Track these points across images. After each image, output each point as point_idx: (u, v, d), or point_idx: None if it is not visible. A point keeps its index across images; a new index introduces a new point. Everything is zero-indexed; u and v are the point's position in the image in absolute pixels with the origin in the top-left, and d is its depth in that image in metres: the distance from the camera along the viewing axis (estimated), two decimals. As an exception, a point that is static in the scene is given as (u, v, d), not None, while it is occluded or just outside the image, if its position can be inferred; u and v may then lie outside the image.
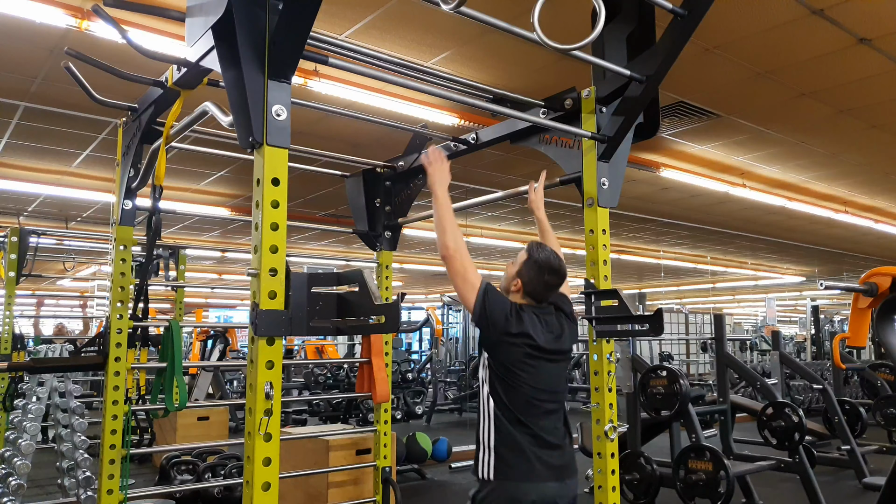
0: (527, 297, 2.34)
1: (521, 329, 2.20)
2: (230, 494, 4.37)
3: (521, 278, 2.34)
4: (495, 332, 2.19)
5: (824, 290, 7.54)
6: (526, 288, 2.33)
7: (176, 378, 2.98)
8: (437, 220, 2.24)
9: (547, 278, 2.33)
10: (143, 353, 5.29)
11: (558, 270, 2.34)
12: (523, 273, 2.34)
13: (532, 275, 2.33)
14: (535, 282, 2.33)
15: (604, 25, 2.05)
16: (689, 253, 14.56)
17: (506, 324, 2.18)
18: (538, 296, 2.34)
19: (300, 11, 1.80)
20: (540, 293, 2.34)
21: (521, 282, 2.34)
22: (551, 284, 2.34)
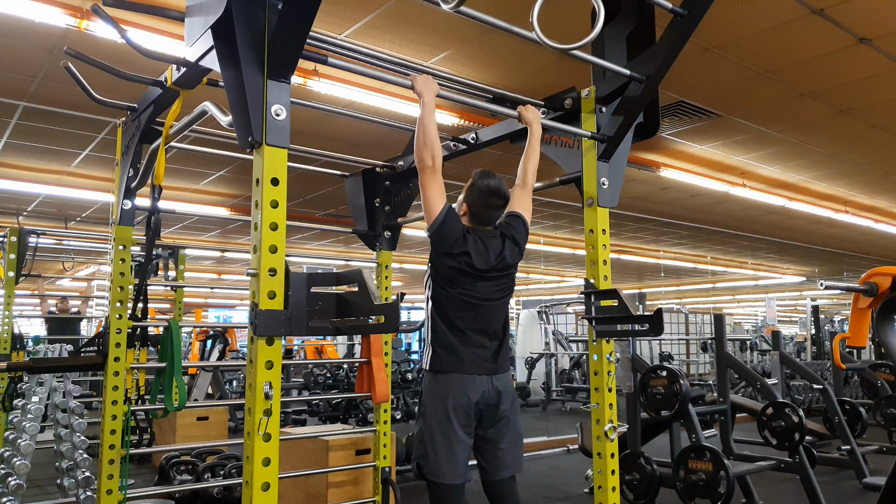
0: (473, 220, 2.65)
1: (464, 249, 2.50)
2: (230, 494, 4.37)
3: (466, 202, 2.66)
4: (443, 247, 2.50)
5: (824, 290, 7.55)
6: (471, 210, 2.65)
7: (175, 378, 2.97)
8: (422, 130, 2.42)
9: (487, 200, 2.63)
10: (142, 353, 5.29)
11: (497, 191, 2.65)
12: (467, 198, 2.66)
13: (474, 198, 2.64)
14: (477, 205, 2.64)
15: (603, 25, 2.04)
16: (689, 253, 14.55)
17: (453, 244, 2.49)
18: (482, 217, 2.65)
19: (300, 11, 1.79)
20: (483, 214, 2.65)
21: (466, 206, 2.65)
22: (492, 206, 2.65)
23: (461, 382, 2.50)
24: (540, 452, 6.84)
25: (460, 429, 2.49)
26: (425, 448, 2.50)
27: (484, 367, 2.56)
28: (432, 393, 2.54)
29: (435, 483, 2.49)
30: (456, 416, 2.48)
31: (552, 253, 13.91)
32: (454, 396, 2.48)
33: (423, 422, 2.54)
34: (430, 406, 2.53)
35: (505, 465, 2.60)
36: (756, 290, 21.07)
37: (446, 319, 2.56)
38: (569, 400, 11.61)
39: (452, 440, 2.47)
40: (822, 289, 3.83)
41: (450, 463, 2.46)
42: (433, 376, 2.56)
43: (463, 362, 2.52)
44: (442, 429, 2.48)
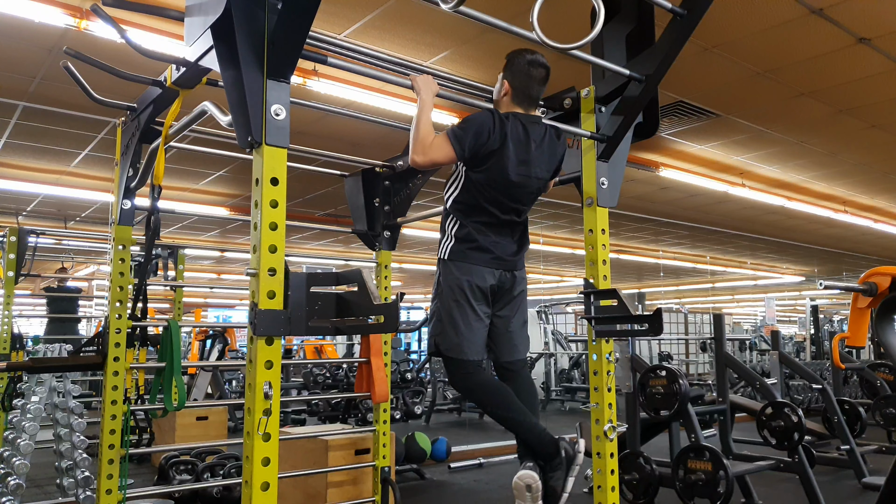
0: (517, 97, 2.55)
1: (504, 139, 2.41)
2: (229, 494, 4.36)
3: (507, 79, 2.56)
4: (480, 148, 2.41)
5: (824, 290, 7.54)
6: (514, 84, 2.55)
7: (175, 378, 2.97)
8: (415, 128, 2.40)
9: (531, 71, 2.52)
10: (141, 353, 5.31)
11: (540, 62, 2.53)
12: (508, 75, 2.55)
13: (516, 71, 2.53)
14: (520, 77, 2.53)
15: (603, 25, 2.04)
16: (688, 253, 14.56)
17: (489, 141, 2.40)
18: (528, 91, 2.54)
19: (299, 11, 1.79)
20: (528, 87, 2.53)
21: (508, 83, 2.55)
22: (537, 77, 2.53)
23: (480, 270, 2.50)
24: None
25: (478, 307, 2.50)
26: (443, 326, 2.50)
27: (504, 263, 2.56)
28: (449, 275, 2.52)
29: (456, 359, 2.49)
30: (473, 295, 2.49)
31: (551, 253, 13.91)
32: (473, 278, 2.49)
33: (440, 301, 2.53)
34: (446, 286, 2.52)
35: (515, 348, 2.63)
36: (755, 289, 21.08)
37: (471, 219, 2.53)
38: (568, 400, 11.62)
39: (470, 318, 2.48)
40: (821, 289, 3.83)
41: (469, 341, 2.48)
42: (452, 264, 2.53)
43: (484, 256, 2.51)
44: (460, 307, 2.48)
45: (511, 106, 2.58)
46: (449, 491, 5.17)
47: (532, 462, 2.44)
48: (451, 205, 2.59)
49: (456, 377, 2.53)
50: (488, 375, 2.57)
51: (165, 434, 5.98)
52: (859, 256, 15.14)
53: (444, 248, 2.58)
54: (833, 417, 5.71)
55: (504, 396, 2.49)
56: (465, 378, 2.51)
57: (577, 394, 11.51)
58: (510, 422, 2.47)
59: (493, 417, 2.54)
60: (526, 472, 2.37)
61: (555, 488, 2.40)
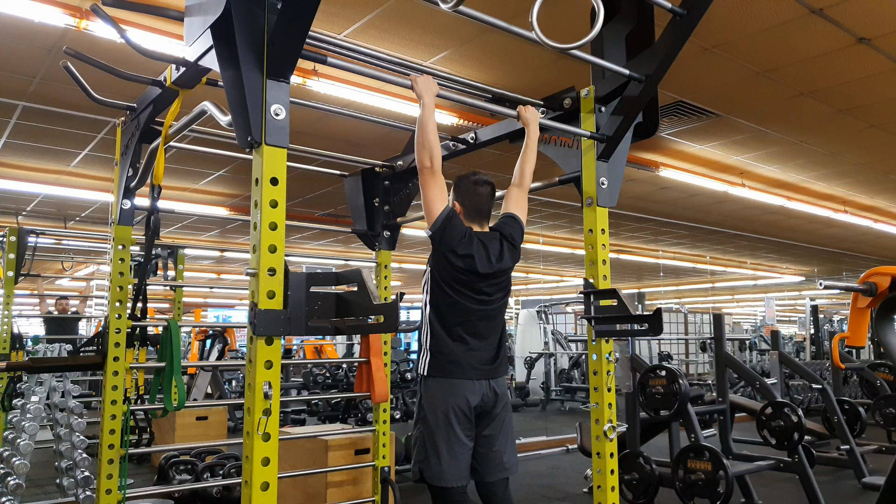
0: (469, 215, 2.65)
1: (468, 251, 2.51)
2: (229, 494, 4.36)
3: (458, 201, 2.66)
4: (447, 245, 2.49)
5: (823, 290, 7.54)
6: (464, 204, 2.66)
7: (174, 378, 2.97)
8: (421, 131, 2.43)
9: (476, 190, 2.66)
10: (141, 353, 5.30)
11: (482, 180, 2.68)
12: (457, 197, 2.67)
13: (463, 192, 2.67)
14: (469, 196, 2.66)
15: (603, 25, 2.04)
16: (688, 252, 14.56)
17: (458, 243, 2.50)
18: (478, 208, 2.66)
19: (299, 11, 1.79)
20: (478, 204, 2.66)
21: (458, 204, 2.65)
22: (483, 194, 2.67)
23: (461, 387, 2.50)
24: (539, 452, 6.84)
25: (461, 432, 2.49)
26: (426, 453, 2.50)
27: (483, 372, 2.56)
28: (431, 397, 2.53)
29: (438, 487, 2.49)
30: (457, 419, 2.48)
31: (551, 253, 13.91)
32: (454, 400, 2.48)
33: (424, 426, 2.53)
34: (429, 410, 2.52)
35: (498, 467, 2.59)
36: (755, 289, 21.07)
37: (445, 324, 2.55)
38: (568, 400, 11.62)
39: (454, 444, 2.47)
40: (821, 288, 3.83)
41: (452, 466, 2.47)
42: (432, 381, 2.55)
43: (462, 368, 2.52)
44: (443, 433, 2.47)
45: (465, 223, 2.63)
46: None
47: None
48: (429, 311, 2.60)
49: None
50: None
51: (165, 434, 5.98)
52: (859, 256, 15.14)
53: (422, 363, 2.59)
54: (833, 417, 5.71)
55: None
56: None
57: (577, 394, 11.51)
58: None
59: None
60: None
61: None
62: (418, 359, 2.63)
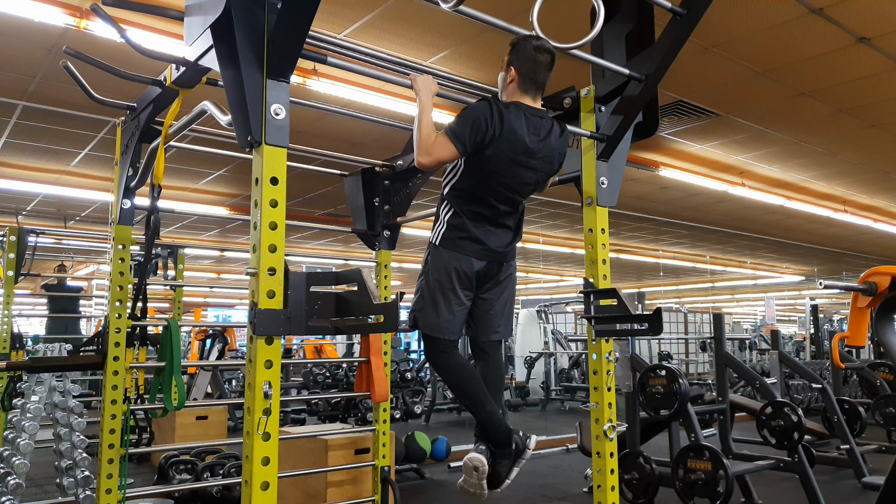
0: (524, 84, 2.50)
1: (504, 127, 2.37)
2: (229, 494, 4.37)
3: (513, 65, 2.50)
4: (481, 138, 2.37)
5: (823, 290, 7.54)
6: (520, 71, 2.48)
7: (174, 377, 2.97)
8: (417, 131, 2.38)
9: (537, 56, 2.46)
10: (141, 353, 5.30)
11: (544, 46, 2.46)
12: (513, 61, 2.49)
13: (522, 58, 2.47)
14: (527, 63, 2.47)
15: (603, 24, 2.05)
16: (688, 252, 14.56)
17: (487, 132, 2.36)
18: (535, 76, 2.49)
19: (299, 10, 1.79)
20: (535, 72, 2.48)
21: (515, 69, 2.50)
22: (543, 62, 2.48)
23: (469, 259, 2.52)
24: (539, 452, 6.84)
25: (461, 291, 2.52)
26: (424, 303, 2.53)
27: (495, 254, 2.56)
28: (438, 257, 2.54)
29: (433, 337, 2.53)
30: (458, 280, 2.51)
31: (551, 252, 13.91)
32: (459, 264, 2.51)
33: (425, 280, 2.55)
34: (433, 266, 2.53)
35: (493, 329, 2.64)
36: (755, 289, 21.07)
37: (467, 207, 2.52)
38: (568, 399, 11.62)
39: (452, 301, 2.51)
40: (821, 288, 3.84)
41: (447, 321, 2.51)
42: (442, 249, 2.54)
43: (475, 248, 2.52)
44: (443, 290, 2.50)
45: (517, 94, 2.53)
46: (449, 490, 5.17)
47: (485, 446, 2.53)
48: (448, 192, 2.58)
49: (431, 353, 2.59)
50: (461, 358, 2.60)
51: (165, 433, 5.98)
52: (859, 256, 15.14)
53: (436, 232, 2.58)
54: (833, 417, 5.71)
55: (471, 381, 2.55)
56: (440, 356, 2.56)
57: (577, 393, 11.51)
58: (472, 406, 2.55)
59: (457, 399, 2.66)
60: (476, 455, 2.49)
61: (500, 473, 2.50)
62: (433, 227, 2.60)
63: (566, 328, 14.99)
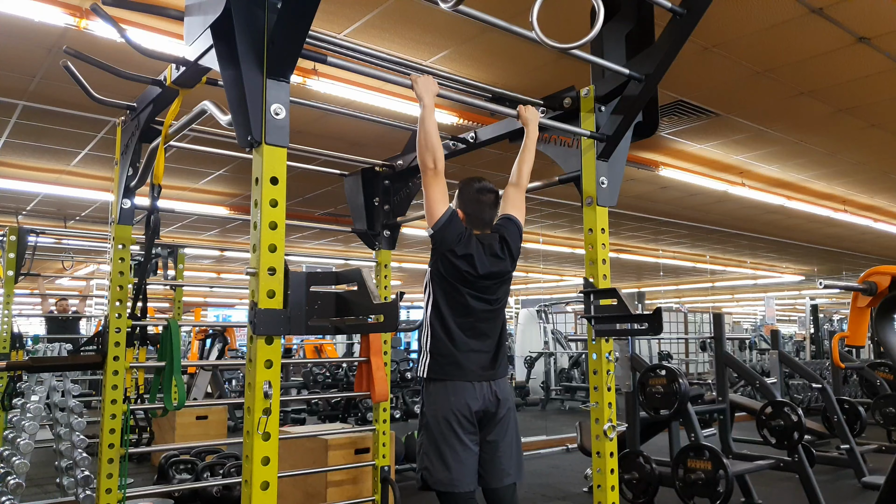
0: (471, 222, 2.61)
1: (467, 251, 2.49)
2: (229, 493, 4.37)
3: (460, 208, 2.62)
4: (447, 245, 2.47)
5: (823, 289, 7.55)
6: (467, 212, 2.61)
7: (174, 377, 2.97)
8: (422, 132, 2.42)
9: (480, 198, 2.63)
10: (141, 353, 5.30)
11: (487, 188, 2.65)
12: (460, 204, 2.65)
13: (466, 200, 2.63)
14: (472, 205, 2.62)
15: (603, 24, 2.04)
16: (688, 252, 14.56)
17: (457, 243, 2.48)
18: (481, 217, 2.63)
19: (299, 10, 1.79)
20: (480, 212, 2.63)
21: (461, 212, 2.60)
22: (486, 202, 2.64)
23: (462, 390, 2.47)
24: (539, 451, 6.85)
25: (465, 437, 2.46)
26: (430, 460, 2.46)
27: (483, 374, 2.53)
28: (433, 403, 2.50)
29: (447, 493, 2.44)
30: (459, 424, 2.45)
31: (551, 252, 13.91)
32: (456, 405, 2.45)
33: (427, 433, 2.50)
34: (431, 416, 2.49)
35: (504, 473, 2.55)
36: (755, 289, 21.07)
37: (445, 326, 2.53)
38: (568, 399, 11.62)
39: (458, 449, 2.44)
40: (821, 288, 3.84)
41: (457, 472, 2.43)
42: (433, 385, 2.53)
43: (462, 369, 2.49)
44: (446, 439, 2.44)
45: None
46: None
47: None
48: (429, 312, 2.57)
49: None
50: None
51: (165, 433, 5.98)
52: (859, 256, 15.14)
53: (422, 366, 2.57)
54: (833, 417, 5.71)
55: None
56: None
57: (577, 393, 11.51)
58: None
59: None
60: None
61: None
62: (419, 360, 2.61)
63: (566, 328, 15.00)
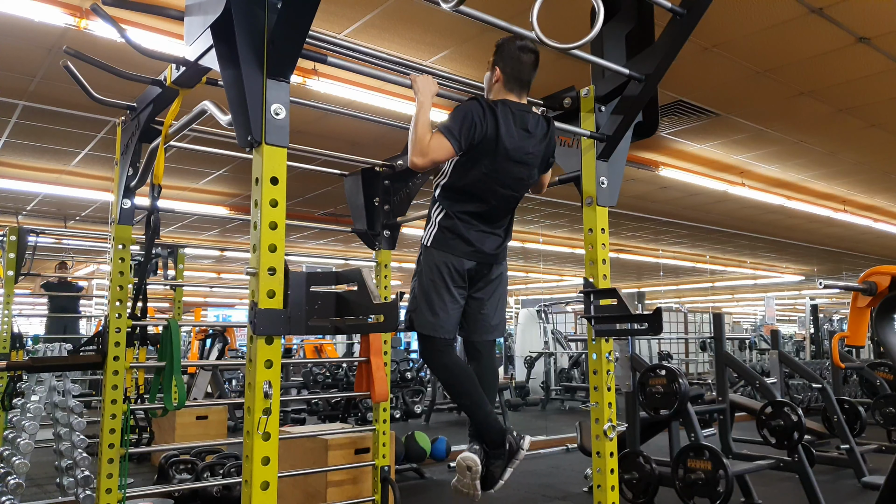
0: (509, 83, 2.55)
1: (495, 124, 2.41)
2: (229, 493, 4.37)
3: (498, 66, 2.56)
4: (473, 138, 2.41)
5: (823, 289, 7.54)
6: (505, 71, 2.54)
7: (175, 377, 2.97)
8: (414, 131, 2.41)
9: (521, 56, 2.53)
10: (141, 353, 5.30)
11: (528, 46, 2.53)
12: (497, 61, 2.56)
13: (507, 57, 2.54)
14: (511, 62, 2.53)
15: (603, 24, 2.04)
16: (688, 252, 14.56)
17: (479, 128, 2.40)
18: (519, 76, 2.54)
19: (299, 10, 1.79)
20: (520, 72, 2.54)
21: (500, 69, 2.55)
22: (527, 62, 2.54)
23: (460, 259, 2.53)
24: (539, 451, 6.84)
25: (454, 289, 2.53)
26: (418, 304, 2.54)
27: (485, 258, 2.57)
28: (430, 258, 2.55)
29: (429, 336, 2.54)
30: (451, 278, 2.51)
31: (551, 252, 13.92)
32: (451, 263, 2.52)
33: (419, 280, 2.56)
34: (426, 266, 2.55)
35: (484, 329, 2.65)
36: (755, 289, 21.08)
37: (457, 210, 2.53)
38: (568, 399, 11.62)
39: (445, 299, 2.52)
40: (821, 288, 3.83)
41: (443, 320, 2.52)
42: (434, 251, 2.55)
43: (466, 249, 2.53)
44: (437, 289, 2.51)
45: (502, 93, 2.56)
46: (449, 490, 5.17)
47: (479, 445, 2.54)
48: (440, 192, 2.59)
49: (427, 352, 2.60)
50: (456, 357, 2.61)
51: (165, 433, 5.98)
52: (859, 256, 15.14)
53: (427, 235, 2.59)
54: (833, 417, 5.71)
55: (467, 380, 2.56)
56: (436, 354, 2.57)
57: (577, 393, 11.51)
58: (467, 406, 2.57)
59: (452, 398, 2.69)
60: (469, 455, 2.50)
61: (493, 473, 2.51)
62: (425, 229, 2.61)
63: (566, 328, 14.99)
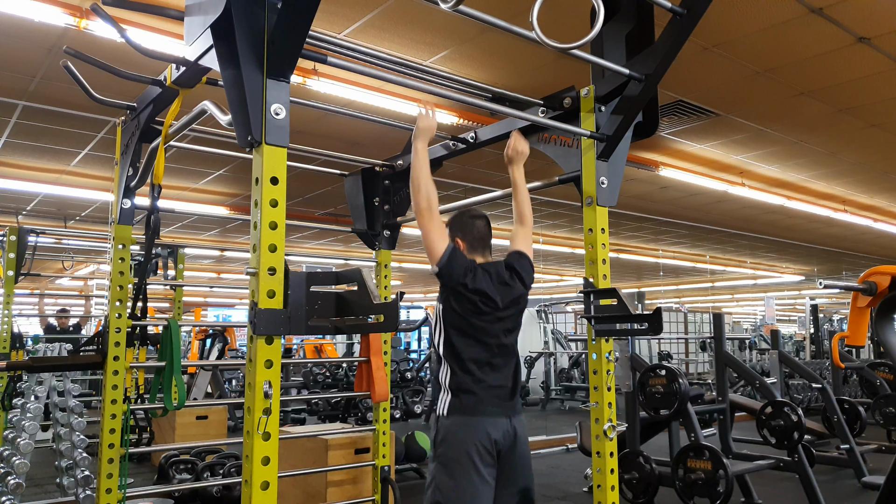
0: (472, 248, 2.58)
1: (478, 286, 2.43)
2: (229, 493, 4.37)
3: (458, 237, 2.59)
4: (454, 280, 2.40)
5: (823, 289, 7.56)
6: (466, 238, 2.59)
7: (175, 377, 2.97)
8: (414, 177, 2.41)
9: (474, 222, 2.62)
10: (141, 353, 5.30)
11: (478, 214, 2.66)
12: (456, 234, 2.61)
13: (462, 228, 2.61)
14: (468, 230, 2.61)
15: (603, 24, 2.04)
16: (687, 252, 14.56)
17: (464, 277, 2.41)
18: (480, 242, 2.62)
19: (299, 10, 1.79)
20: (478, 235, 2.62)
21: (460, 239, 2.58)
22: (480, 226, 2.63)
23: (484, 424, 2.36)
24: (539, 451, 6.85)
25: (485, 469, 2.32)
26: (444, 495, 2.31)
27: (503, 408, 2.43)
28: (451, 434, 2.35)
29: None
30: (479, 456, 2.32)
31: (551, 252, 13.91)
32: (476, 436, 2.33)
33: (440, 464, 2.35)
34: (449, 446, 2.35)
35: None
36: (755, 289, 21.07)
37: (462, 363, 2.41)
38: (568, 399, 11.63)
39: (476, 483, 2.30)
40: (821, 288, 3.83)
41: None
42: (452, 419, 2.38)
43: (484, 404, 2.39)
44: (464, 470, 2.30)
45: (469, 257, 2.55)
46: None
47: None
48: (443, 350, 2.46)
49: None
50: None
51: (165, 433, 5.98)
52: (859, 256, 15.14)
53: (442, 403, 2.43)
54: (833, 417, 5.71)
55: None
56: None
57: (577, 393, 11.52)
58: None
59: None
60: None
61: None
62: (436, 399, 2.47)
63: (566, 328, 14.99)
